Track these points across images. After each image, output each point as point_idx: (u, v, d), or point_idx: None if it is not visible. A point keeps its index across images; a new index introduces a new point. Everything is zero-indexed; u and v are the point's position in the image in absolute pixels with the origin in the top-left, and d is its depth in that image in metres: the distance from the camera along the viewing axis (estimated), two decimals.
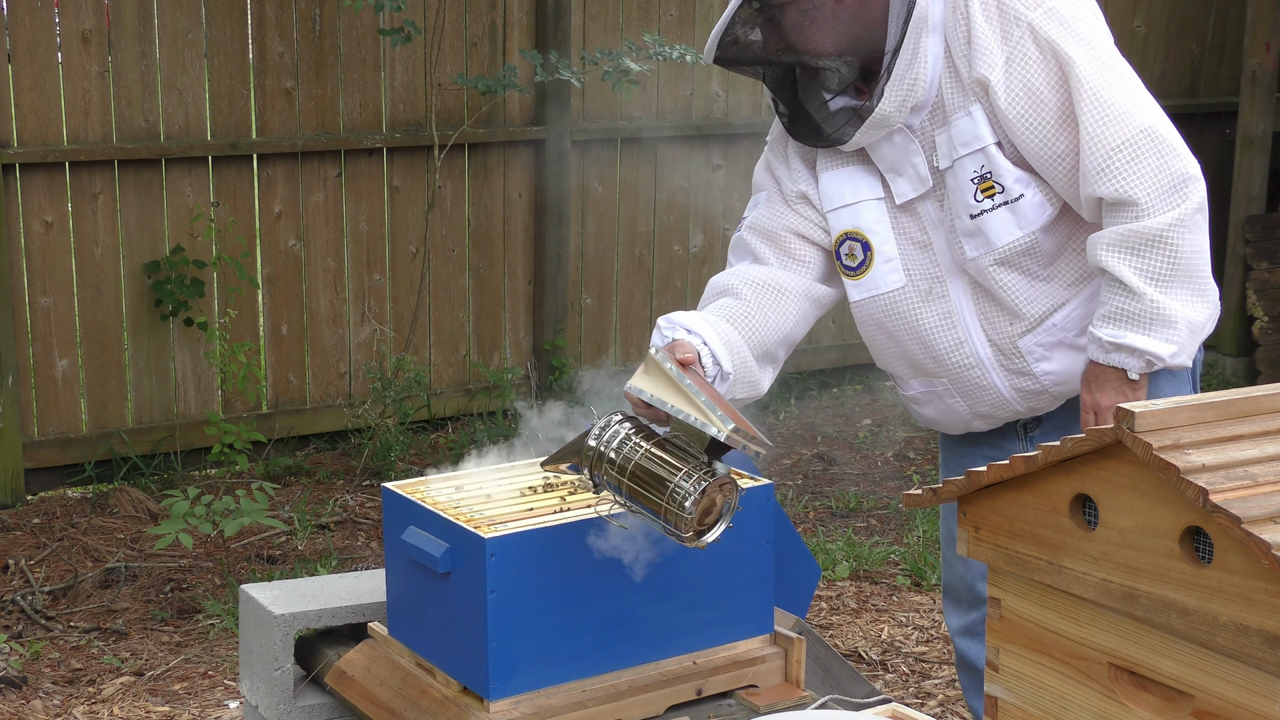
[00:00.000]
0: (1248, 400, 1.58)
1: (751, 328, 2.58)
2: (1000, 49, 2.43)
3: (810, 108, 2.57)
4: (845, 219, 2.62)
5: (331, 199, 6.02)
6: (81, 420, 5.69)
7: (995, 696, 1.77)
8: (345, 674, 2.34)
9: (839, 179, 2.62)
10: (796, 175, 2.68)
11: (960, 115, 2.48)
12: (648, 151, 6.66)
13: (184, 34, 5.64)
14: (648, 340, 6.91)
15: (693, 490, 1.99)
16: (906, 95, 2.48)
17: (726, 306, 2.60)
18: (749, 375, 2.55)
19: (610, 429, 2.10)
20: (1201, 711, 1.53)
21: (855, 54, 2.50)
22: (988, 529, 1.73)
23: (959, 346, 2.61)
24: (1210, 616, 1.48)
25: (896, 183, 2.58)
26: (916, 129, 2.53)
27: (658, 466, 2.03)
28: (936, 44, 2.48)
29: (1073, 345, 2.57)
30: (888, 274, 2.61)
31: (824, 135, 2.56)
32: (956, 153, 2.50)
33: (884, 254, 2.60)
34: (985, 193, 2.49)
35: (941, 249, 2.58)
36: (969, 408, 2.69)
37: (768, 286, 2.63)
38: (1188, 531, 1.49)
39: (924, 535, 5.31)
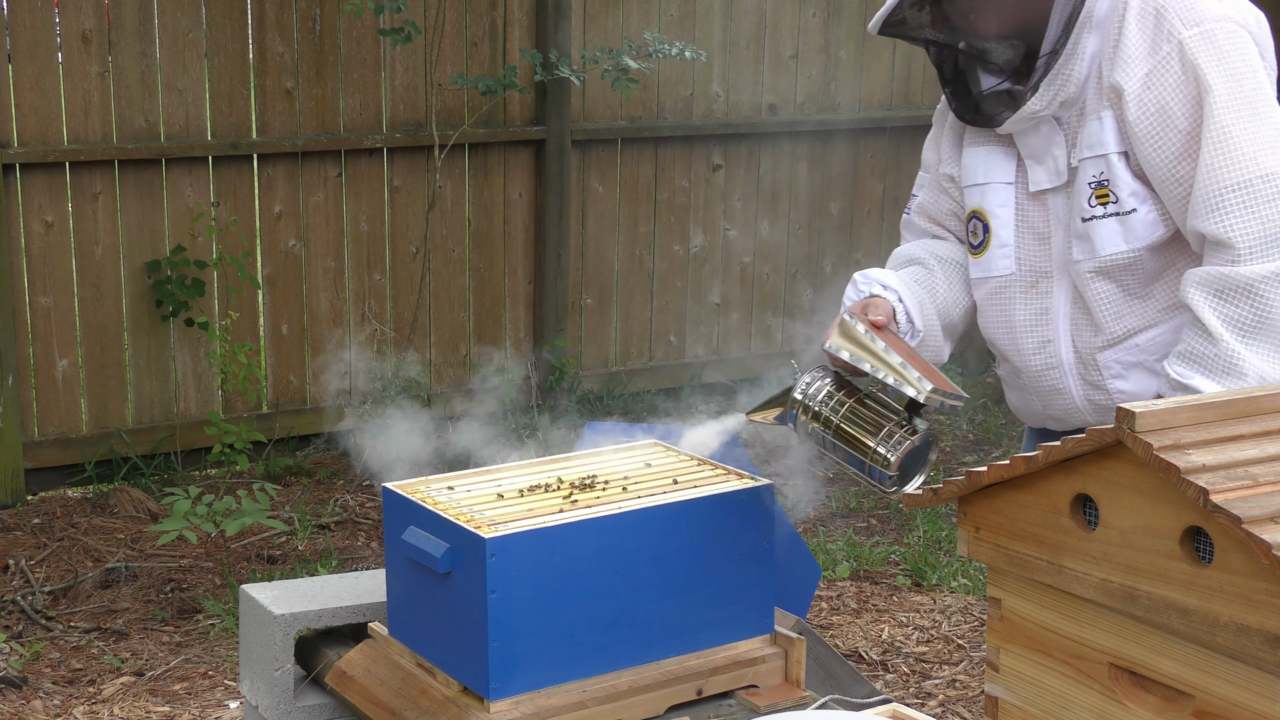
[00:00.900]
0: (1248, 400, 1.58)
1: (939, 297, 2.66)
2: (1145, 60, 2.40)
3: (970, 87, 2.56)
4: (975, 197, 2.64)
5: (332, 199, 6.02)
6: (82, 420, 5.69)
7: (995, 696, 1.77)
8: (345, 674, 2.34)
9: (978, 156, 2.63)
10: (947, 157, 2.71)
11: (1093, 118, 2.47)
12: (648, 151, 6.66)
13: (184, 34, 5.64)
14: (649, 340, 6.95)
15: (895, 448, 2.19)
16: (1059, 91, 2.46)
17: (916, 273, 2.68)
18: (935, 339, 2.64)
19: (814, 384, 2.30)
20: (1202, 712, 1.53)
21: (1018, 39, 2.49)
22: (988, 529, 1.73)
23: (1045, 346, 2.61)
24: (1211, 617, 1.47)
25: (1034, 170, 2.56)
26: (1064, 122, 2.51)
27: (861, 423, 2.24)
28: (1095, 42, 2.46)
29: (1151, 369, 2.55)
30: (1000, 259, 2.62)
31: (981, 115, 2.56)
32: (1083, 154, 2.48)
33: (1000, 239, 2.61)
34: (1099, 199, 2.48)
35: (1058, 245, 2.57)
36: (1042, 407, 2.69)
37: (953, 261, 2.71)
38: (1188, 531, 1.49)
39: (924, 535, 5.31)
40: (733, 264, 6.96)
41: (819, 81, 7.02)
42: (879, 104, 7.21)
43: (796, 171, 7.06)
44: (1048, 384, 2.64)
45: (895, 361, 2.21)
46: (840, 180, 7.17)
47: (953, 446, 6.47)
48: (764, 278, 7.04)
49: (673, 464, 2.41)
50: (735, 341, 7.03)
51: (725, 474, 2.35)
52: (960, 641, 4.52)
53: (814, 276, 7.18)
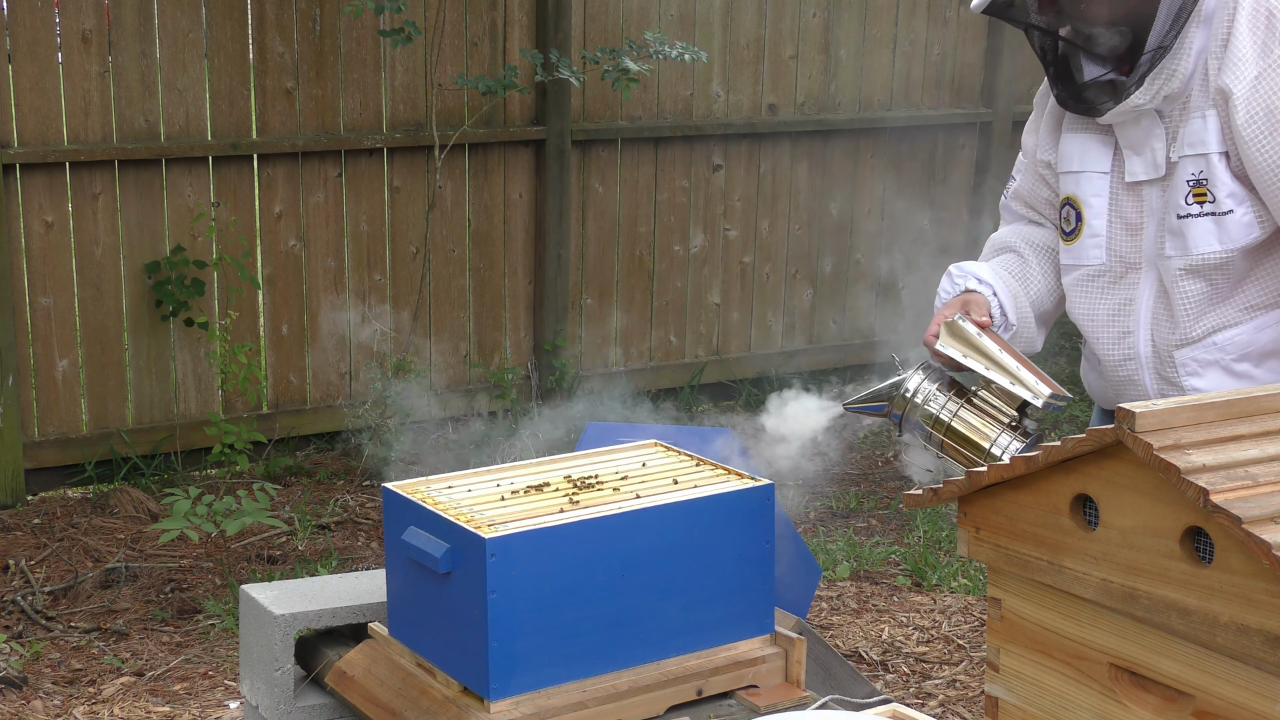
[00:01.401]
0: (1248, 400, 1.58)
1: (1032, 286, 2.69)
2: (1255, 63, 2.39)
3: (1073, 73, 2.56)
4: (1069, 185, 2.64)
5: (332, 199, 6.02)
6: (82, 420, 5.69)
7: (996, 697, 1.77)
8: (345, 674, 2.34)
9: (1076, 143, 2.63)
10: (1044, 142, 2.71)
11: (1195, 115, 2.46)
12: (648, 151, 6.66)
13: (184, 34, 5.64)
14: (649, 341, 6.94)
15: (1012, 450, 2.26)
16: (1164, 85, 2.45)
17: (1010, 263, 2.70)
18: (1028, 331, 2.67)
19: (923, 381, 2.35)
20: (1202, 712, 1.53)
21: (1125, 28, 2.47)
22: (988, 529, 1.73)
23: (1125, 337, 2.62)
24: (1211, 617, 1.47)
25: (1132, 161, 2.56)
26: (1165, 115, 2.51)
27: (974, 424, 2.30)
28: (1201, 37, 2.44)
29: (1228, 369, 2.55)
30: (1091, 248, 2.62)
31: (1083, 102, 2.55)
32: (1183, 151, 2.48)
33: (1092, 228, 2.61)
34: (1197, 198, 2.48)
35: (1150, 237, 2.57)
36: (1115, 395, 2.70)
37: (1048, 249, 2.73)
38: (1188, 531, 1.49)
39: (924, 536, 5.31)
40: (733, 264, 6.96)
41: (819, 81, 7.02)
42: (879, 104, 7.21)
43: (796, 171, 7.06)
44: (1123, 375, 2.65)
45: (1010, 364, 2.28)
46: (840, 180, 7.17)
47: None
48: (764, 278, 7.04)
49: (673, 464, 2.41)
50: (735, 341, 7.03)
51: (725, 474, 2.35)
52: (960, 642, 4.52)
53: (814, 277, 7.18)
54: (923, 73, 7.28)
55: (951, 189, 7.47)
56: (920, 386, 2.35)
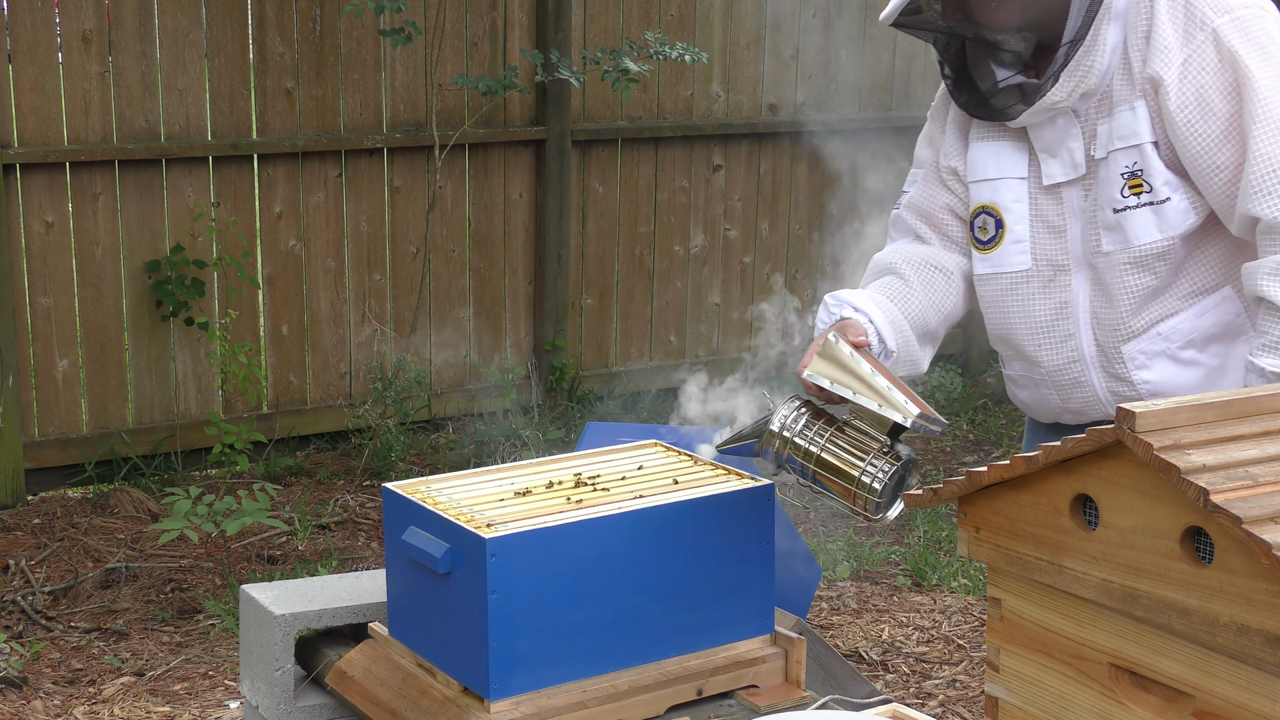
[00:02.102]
0: (1248, 400, 1.58)
1: (914, 307, 2.62)
2: (1180, 50, 2.40)
3: (979, 80, 2.54)
4: (985, 192, 2.62)
5: (332, 199, 6.02)
6: (82, 420, 5.69)
7: (996, 697, 1.77)
8: (346, 674, 2.34)
9: (988, 151, 2.61)
10: (950, 150, 2.68)
11: (1123, 108, 2.46)
12: (648, 151, 6.66)
13: (184, 34, 5.64)
14: (649, 341, 6.93)
15: (881, 476, 2.14)
16: (1080, 82, 2.45)
17: (890, 285, 2.64)
18: (911, 354, 2.60)
19: (791, 414, 2.23)
20: (1202, 712, 1.53)
21: (1033, 32, 2.47)
22: (988, 529, 1.73)
23: (1066, 340, 2.61)
24: (1211, 617, 1.47)
25: (1048, 164, 2.55)
26: (1081, 114, 2.51)
27: (844, 453, 2.18)
28: (1116, 33, 2.46)
29: (1174, 357, 2.56)
30: (1015, 254, 2.60)
31: (991, 109, 2.53)
32: (1113, 145, 2.48)
33: (1015, 234, 2.59)
34: (1133, 190, 2.48)
35: (1075, 238, 2.56)
36: (1061, 402, 2.68)
37: (930, 266, 2.66)
38: (1188, 531, 1.49)
39: (925, 535, 5.31)
40: (733, 264, 6.96)
41: (819, 81, 7.02)
42: (879, 104, 7.21)
43: (797, 171, 7.06)
44: (1069, 378, 2.64)
45: (881, 385, 2.16)
46: (840, 181, 7.17)
47: (953, 446, 6.47)
48: (764, 278, 7.04)
49: (673, 464, 2.41)
50: (735, 342, 7.03)
51: (725, 474, 2.34)
52: (960, 642, 4.52)
53: (814, 277, 7.18)
54: (923, 72, 7.28)
55: None
56: (788, 421, 2.21)
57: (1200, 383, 2.57)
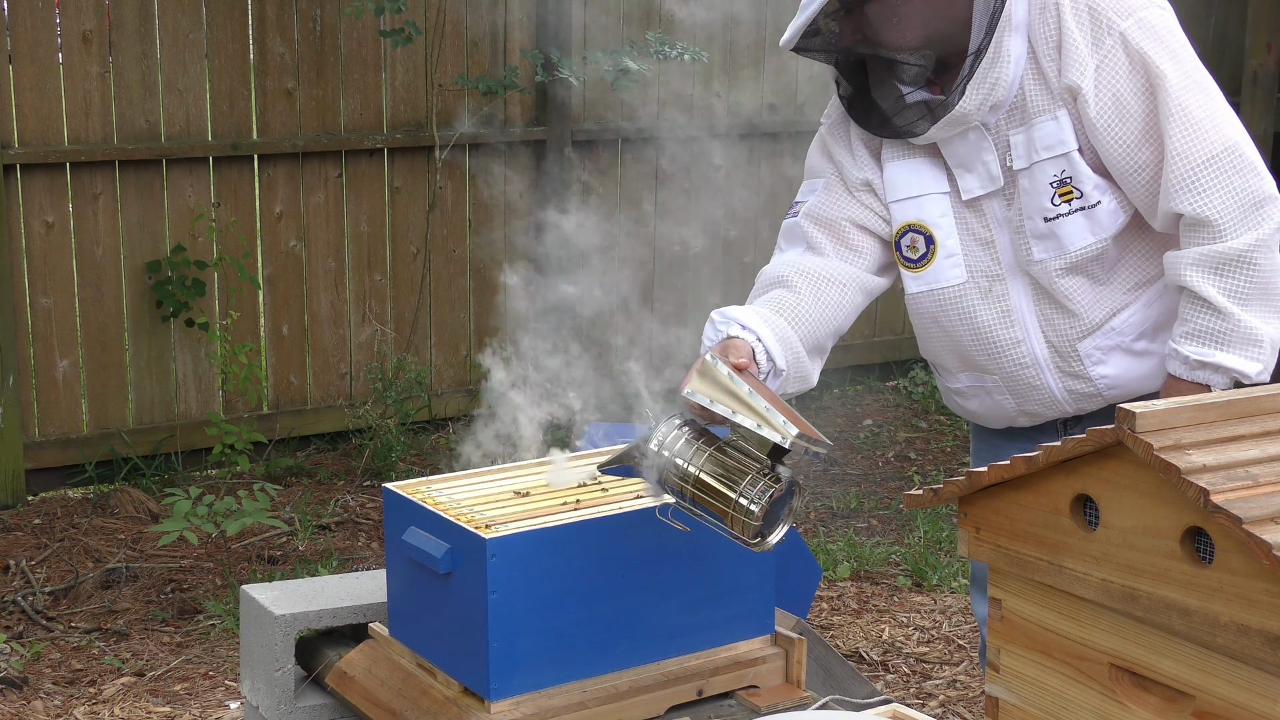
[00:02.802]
0: (1248, 400, 1.58)
1: (804, 320, 2.56)
2: (1091, 56, 2.43)
3: (882, 99, 2.53)
4: (909, 211, 2.61)
5: (332, 199, 6.02)
6: (82, 421, 5.69)
7: (996, 697, 1.77)
8: (346, 674, 2.34)
9: (905, 170, 2.61)
10: (861, 163, 2.66)
11: (1044, 119, 2.48)
12: (648, 152, 6.66)
13: (185, 34, 5.64)
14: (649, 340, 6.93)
15: (759, 498, 2.02)
16: (987, 95, 2.47)
17: (779, 299, 2.58)
18: (801, 370, 2.55)
19: (671, 433, 2.10)
20: (1202, 712, 1.53)
21: (935, 49, 2.48)
22: (988, 529, 1.73)
23: (1016, 345, 2.62)
24: (1211, 617, 1.47)
25: (964, 178, 2.57)
26: (991, 127, 2.52)
27: (721, 474, 2.05)
28: (1019, 44, 2.47)
29: (1129, 350, 2.59)
30: (949, 269, 2.60)
31: (895, 127, 2.54)
32: (1037, 155, 2.49)
33: (947, 248, 2.60)
34: (1063, 197, 2.49)
35: (1004, 247, 2.58)
36: (1017, 405, 2.69)
37: (821, 277, 2.61)
38: (1188, 532, 1.49)
39: (925, 536, 5.31)
40: (733, 264, 6.96)
41: (819, 82, 7.02)
42: None
43: (797, 172, 7.05)
44: (1023, 382, 2.64)
45: (760, 406, 2.06)
46: None
47: (953, 446, 6.47)
48: None
49: None
50: None
51: None
52: (961, 642, 4.52)
53: None
54: None
55: None
56: (667, 439, 2.09)
57: (1154, 371, 2.60)
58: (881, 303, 7.37)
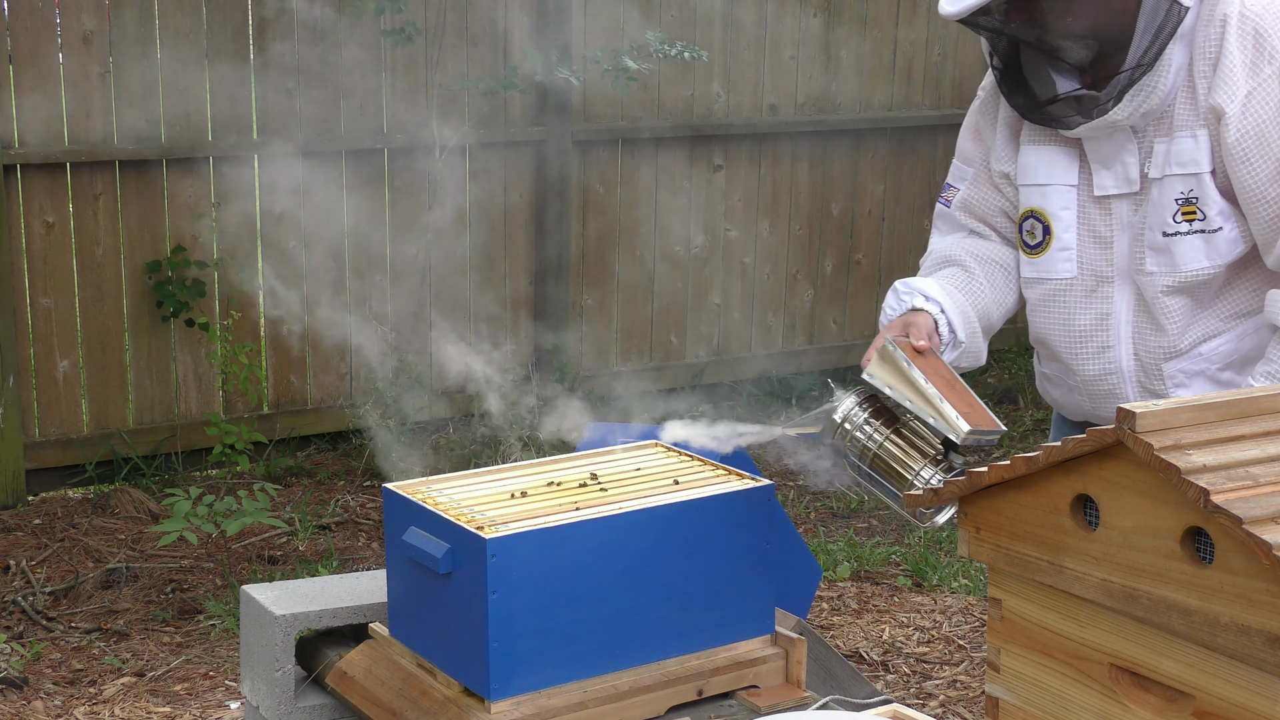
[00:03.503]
0: (1249, 400, 1.58)
1: (980, 299, 2.62)
2: (1245, 82, 2.39)
3: (1036, 86, 2.50)
4: (1034, 197, 2.60)
5: (332, 200, 6.02)
6: (82, 421, 5.69)
7: (996, 697, 1.77)
8: (346, 674, 2.34)
9: (1039, 156, 2.59)
10: (1001, 154, 2.66)
11: (1184, 134, 2.44)
12: (648, 152, 6.66)
13: (185, 34, 5.64)
14: (649, 341, 6.93)
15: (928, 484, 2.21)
16: (1143, 102, 2.43)
17: (955, 277, 2.64)
18: (975, 345, 2.60)
19: (854, 408, 2.29)
20: (1202, 712, 1.53)
21: (1098, 42, 2.43)
22: (989, 529, 1.73)
23: (1104, 351, 2.60)
24: (1211, 617, 1.47)
25: (1100, 174, 2.53)
26: (1139, 130, 2.49)
27: (898, 456, 2.25)
28: (1181, 53, 2.43)
29: (1213, 378, 2.56)
30: (1061, 261, 2.59)
31: (1046, 115, 2.50)
32: (1170, 169, 2.46)
33: (1062, 241, 2.58)
34: (1186, 216, 2.47)
35: (1121, 251, 2.55)
36: (1092, 407, 2.69)
37: (990, 260, 2.67)
38: (1189, 532, 1.49)
39: (925, 536, 5.31)
40: (733, 264, 6.96)
41: (819, 82, 7.02)
42: (879, 104, 7.21)
43: (797, 172, 7.06)
44: (1103, 389, 2.63)
45: (933, 397, 2.20)
46: (841, 181, 7.17)
47: None
48: (764, 278, 7.04)
49: (673, 464, 2.41)
50: (736, 342, 7.03)
51: (726, 474, 2.35)
52: (961, 642, 4.52)
53: (815, 277, 7.18)
54: (923, 73, 7.28)
55: None
56: (851, 413, 2.28)
57: None
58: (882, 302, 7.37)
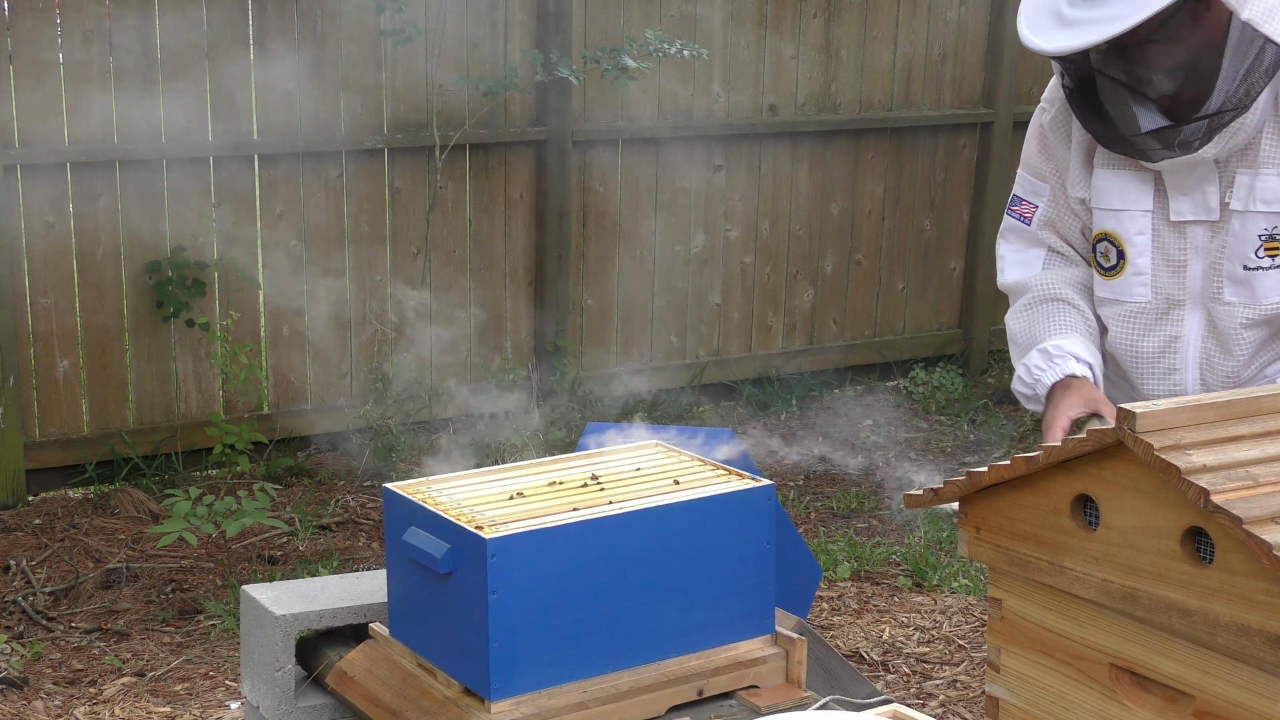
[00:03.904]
0: (1249, 400, 1.58)
1: (1098, 342, 2.63)
2: None
3: (1116, 115, 2.44)
4: (1108, 221, 2.58)
5: (332, 200, 6.02)
6: (83, 421, 5.69)
7: (996, 697, 1.77)
8: (346, 675, 2.34)
9: (1114, 180, 2.56)
10: (1077, 180, 2.62)
11: (1271, 172, 2.42)
12: (649, 151, 6.66)
13: (185, 34, 5.64)
14: (649, 341, 6.93)
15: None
16: (1230, 139, 2.41)
17: (1074, 320, 2.62)
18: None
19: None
20: (1202, 712, 1.53)
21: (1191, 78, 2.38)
22: (989, 529, 1.73)
23: (1170, 374, 2.60)
24: (1211, 617, 1.47)
25: (1177, 200, 2.51)
26: (1221, 162, 2.47)
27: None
28: (1270, 91, 2.41)
29: None
30: (1135, 285, 2.58)
31: (1129, 147, 2.46)
32: (1254, 205, 2.44)
33: (1136, 266, 2.57)
34: (1269, 251, 2.46)
35: (1194, 275, 2.54)
36: None
37: (1088, 289, 2.66)
38: (1189, 532, 1.49)
39: (925, 536, 5.31)
40: (733, 264, 6.96)
41: (819, 82, 7.02)
42: (880, 104, 7.21)
43: (797, 172, 7.06)
44: None
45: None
46: (841, 181, 7.17)
47: (953, 446, 6.47)
48: (765, 278, 7.04)
49: (673, 464, 2.41)
50: (736, 342, 7.03)
51: (726, 474, 2.35)
52: (961, 642, 4.52)
53: (815, 277, 7.18)
54: (923, 73, 7.28)
55: (951, 189, 7.47)
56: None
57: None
58: (882, 303, 7.38)
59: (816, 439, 6.52)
